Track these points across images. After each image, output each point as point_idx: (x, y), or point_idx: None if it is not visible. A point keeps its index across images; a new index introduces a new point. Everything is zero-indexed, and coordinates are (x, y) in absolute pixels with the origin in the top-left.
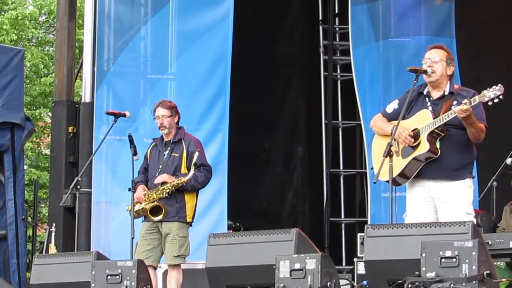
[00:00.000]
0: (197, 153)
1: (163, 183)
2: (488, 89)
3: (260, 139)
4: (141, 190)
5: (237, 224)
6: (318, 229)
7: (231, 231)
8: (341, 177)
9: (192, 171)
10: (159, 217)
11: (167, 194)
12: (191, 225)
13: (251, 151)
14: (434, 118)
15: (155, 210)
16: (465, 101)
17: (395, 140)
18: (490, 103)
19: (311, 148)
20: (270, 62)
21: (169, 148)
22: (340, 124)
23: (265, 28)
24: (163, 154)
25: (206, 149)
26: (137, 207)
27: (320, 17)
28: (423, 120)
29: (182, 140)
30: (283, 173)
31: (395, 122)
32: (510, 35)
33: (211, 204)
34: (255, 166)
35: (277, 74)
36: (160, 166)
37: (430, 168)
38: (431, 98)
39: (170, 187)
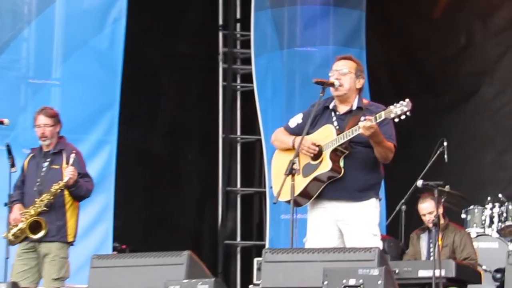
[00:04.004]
0: (73, 155)
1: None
2: (395, 104)
3: (157, 151)
4: (17, 210)
5: (124, 246)
6: (214, 251)
7: (116, 253)
8: (238, 196)
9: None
10: (41, 234)
11: (45, 207)
12: (72, 245)
13: (147, 163)
14: (338, 134)
15: (35, 227)
16: (369, 117)
17: (297, 156)
18: (396, 119)
19: (211, 163)
20: (168, 70)
21: (48, 160)
22: (238, 138)
23: (163, 33)
24: (41, 166)
25: (92, 162)
26: (14, 230)
27: (220, 22)
28: (326, 136)
29: (63, 151)
30: (181, 189)
31: (298, 138)
32: (423, 48)
33: (95, 223)
34: (149, 179)
35: (176, 83)
36: (39, 180)
37: (332, 188)
38: (337, 113)
39: (49, 197)
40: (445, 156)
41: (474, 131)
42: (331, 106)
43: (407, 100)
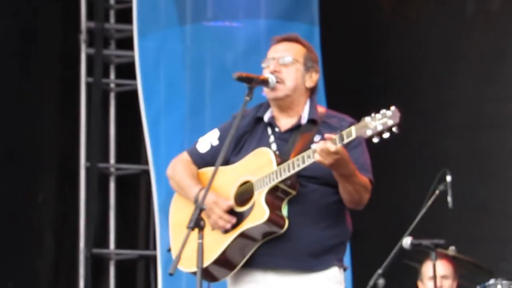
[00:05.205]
0: None
1: None
2: (373, 115)
3: None
4: None
5: None
6: None
7: None
8: (111, 262)
9: None
10: None
11: None
12: None
13: None
14: (279, 164)
15: None
16: (331, 135)
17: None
18: (376, 139)
19: (73, 208)
20: (3, 59)
21: None
22: (112, 169)
23: None
24: None
25: None
26: None
27: None
28: (260, 166)
29: None
30: (26, 248)
31: (211, 171)
32: (402, 24)
33: None
34: None
35: (15, 80)
36: None
37: (269, 251)
38: (277, 130)
39: None
40: (449, 198)
41: (492, 158)
42: (266, 118)
43: (392, 108)
